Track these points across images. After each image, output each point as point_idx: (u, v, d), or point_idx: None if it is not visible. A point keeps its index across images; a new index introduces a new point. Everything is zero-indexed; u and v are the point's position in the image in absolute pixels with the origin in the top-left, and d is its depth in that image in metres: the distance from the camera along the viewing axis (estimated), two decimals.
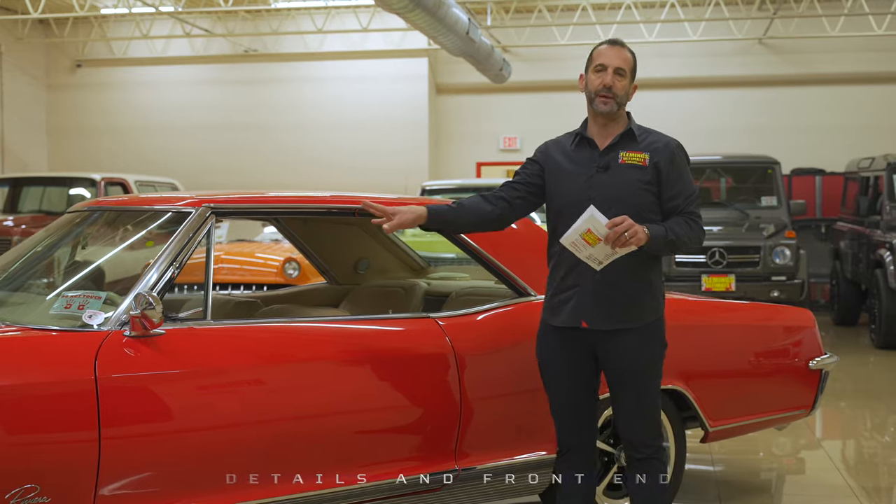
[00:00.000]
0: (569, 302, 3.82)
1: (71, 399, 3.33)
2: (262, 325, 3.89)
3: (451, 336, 4.12)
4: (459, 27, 12.20)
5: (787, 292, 11.17)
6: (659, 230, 3.67)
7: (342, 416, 3.84)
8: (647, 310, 3.82)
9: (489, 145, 18.26)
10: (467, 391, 4.10)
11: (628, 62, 3.81)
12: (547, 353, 3.93)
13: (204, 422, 3.55)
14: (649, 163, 3.77)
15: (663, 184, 3.79)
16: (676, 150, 3.84)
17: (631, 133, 3.83)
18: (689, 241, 3.76)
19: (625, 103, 3.83)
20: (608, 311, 3.77)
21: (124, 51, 18.52)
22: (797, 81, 17.16)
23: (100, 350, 3.42)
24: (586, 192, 3.77)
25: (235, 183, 17.11)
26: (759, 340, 5.09)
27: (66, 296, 3.69)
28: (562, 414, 3.95)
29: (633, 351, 3.78)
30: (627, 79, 3.80)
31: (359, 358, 3.91)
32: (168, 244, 3.77)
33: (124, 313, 3.54)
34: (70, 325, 3.54)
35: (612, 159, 3.80)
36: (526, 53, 17.87)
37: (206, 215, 3.87)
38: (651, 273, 3.84)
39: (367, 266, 5.73)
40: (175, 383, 3.52)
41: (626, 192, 3.75)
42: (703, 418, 4.76)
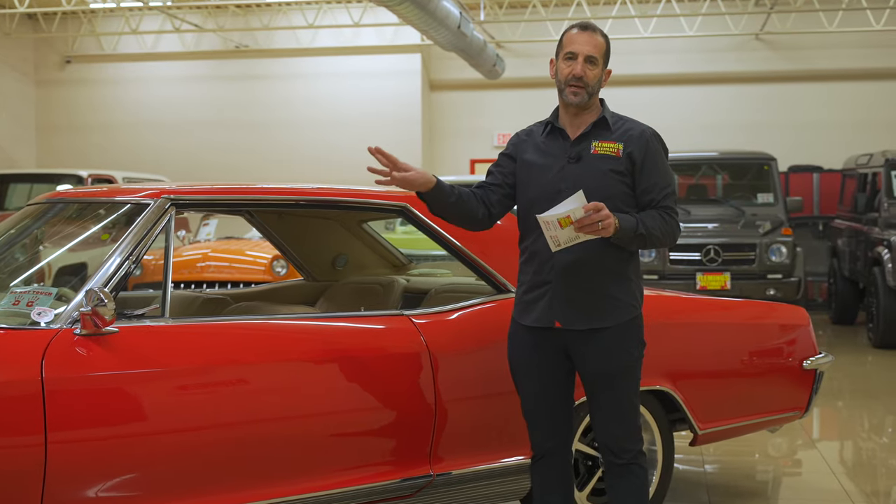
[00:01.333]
0: (541, 300, 3.63)
1: (15, 402, 3.13)
2: (221, 323, 3.69)
3: (426, 335, 3.93)
4: (450, 21, 12.01)
5: (783, 291, 10.98)
6: (629, 222, 3.46)
7: (309, 418, 3.65)
8: (623, 308, 3.61)
9: (483, 142, 18.06)
10: (442, 392, 3.90)
11: (600, 48, 3.59)
12: (518, 353, 3.74)
13: (158, 426, 3.35)
14: (623, 153, 3.58)
15: (637, 175, 3.59)
16: (651, 139, 3.62)
17: (604, 121, 3.64)
18: (662, 236, 3.56)
19: (597, 92, 3.64)
20: (582, 310, 3.58)
21: (114, 46, 18.31)
22: (794, 77, 16.97)
23: (47, 349, 3.22)
24: (558, 184, 3.58)
25: (227, 180, 16.86)
26: (751, 339, 4.90)
27: (14, 291, 3.48)
28: (535, 417, 3.76)
29: (609, 352, 3.58)
30: (599, 66, 3.60)
31: (328, 357, 3.72)
32: (124, 237, 3.57)
33: (75, 310, 3.34)
34: (18, 322, 3.34)
35: (584, 149, 3.61)
36: (520, 49, 17.67)
37: (166, 207, 3.67)
38: (628, 269, 3.64)
39: (345, 262, 5.53)
40: (128, 385, 3.32)
41: (598, 183, 3.54)
42: (692, 420, 4.57)
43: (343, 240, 5.48)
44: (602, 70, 3.62)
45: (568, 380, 3.70)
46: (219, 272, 10.46)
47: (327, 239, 5.46)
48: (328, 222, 5.39)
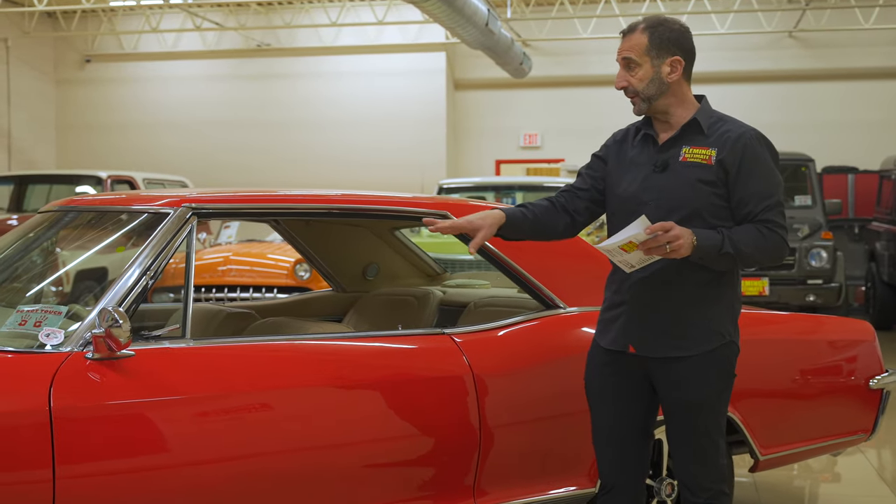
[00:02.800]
0: (617, 321, 3.28)
1: (20, 433, 2.82)
2: (248, 345, 3.37)
3: (469, 355, 3.59)
4: (478, 18, 11.69)
5: (823, 297, 10.61)
6: (712, 240, 3.03)
7: (343, 448, 3.32)
8: (708, 335, 3.19)
9: (509, 142, 17.73)
10: (487, 418, 3.56)
11: (637, 47, 3.14)
12: (594, 375, 3.38)
13: (178, 458, 3.03)
14: (715, 160, 3.13)
15: (732, 184, 3.13)
16: (750, 143, 3.15)
17: (696, 124, 3.20)
18: (758, 254, 3.11)
19: (658, 93, 3.17)
20: (658, 336, 3.20)
21: (134, 45, 18.07)
22: (828, 76, 16.57)
23: (56, 375, 2.91)
24: (640, 195, 3.20)
25: (246, 181, 16.64)
26: (814, 356, 4.54)
27: (21, 310, 3.17)
28: (605, 448, 3.37)
29: (688, 382, 3.18)
30: (644, 65, 3.14)
31: (363, 381, 3.39)
32: (141, 250, 3.25)
33: (87, 331, 3.03)
34: (25, 345, 3.04)
35: (673, 157, 3.19)
36: (547, 47, 17.33)
37: (187, 216, 3.35)
38: (717, 291, 3.21)
39: (376, 272, 5.21)
40: (145, 414, 3.00)
41: (683, 195, 3.14)
42: (754, 445, 4.21)
43: (374, 248, 5.16)
44: (653, 67, 3.15)
45: (646, 410, 3.33)
46: (240, 276, 10.21)
47: (357, 247, 5.13)
48: (358, 229, 5.07)
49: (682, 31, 3.20)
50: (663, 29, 3.17)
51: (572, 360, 3.72)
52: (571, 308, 3.90)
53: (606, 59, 17.07)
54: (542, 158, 17.65)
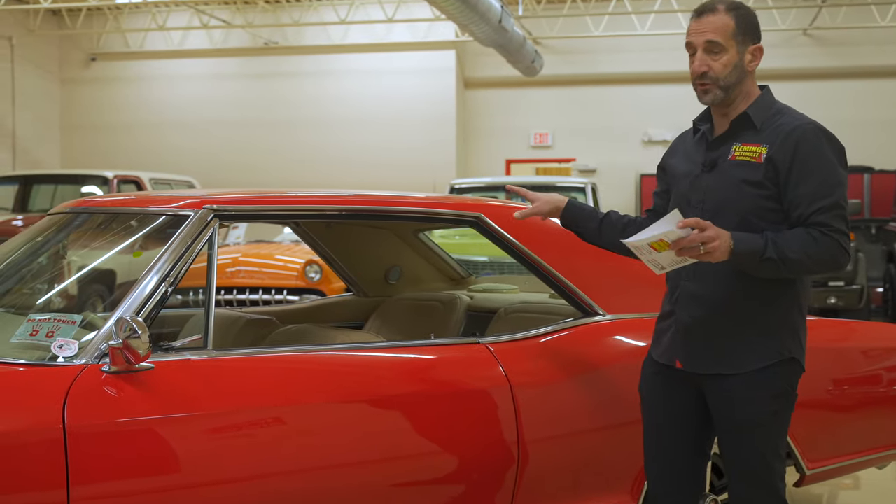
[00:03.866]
0: (666, 333, 3.07)
1: (32, 452, 2.61)
2: (273, 356, 3.15)
3: (506, 365, 3.38)
4: (492, 15, 11.49)
5: (844, 299, 10.41)
6: (752, 244, 2.76)
7: (375, 465, 3.10)
8: (763, 351, 2.92)
9: (519, 141, 17.54)
10: (525, 432, 3.35)
11: (723, 29, 2.88)
12: (646, 387, 3.17)
13: (200, 478, 2.82)
14: (765, 157, 2.86)
15: (782, 184, 2.85)
16: (804, 138, 2.84)
17: (746, 119, 2.94)
18: (808, 260, 2.78)
19: (737, 82, 2.92)
20: (706, 351, 2.95)
21: (140, 44, 17.89)
22: (844, 74, 16.36)
23: (70, 389, 2.70)
24: (688, 195, 2.97)
25: (254, 181, 16.47)
26: (861, 365, 4.33)
27: (32, 319, 2.96)
28: (652, 462, 3.16)
29: (739, 402, 2.92)
30: (730, 50, 2.88)
31: (394, 394, 3.18)
32: (160, 255, 3.04)
33: (103, 342, 2.82)
34: (36, 357, 2.83)
35: (722, 155, 2.94)
36: (558, 45, 17.13)
37: (208, 219, 3.14)
38: (777, 301, 2.93)
39: (398, 275, 5.01)
40: (165, 431, 2.79)
41: (728, 196, 2.89)
42: (800, 459, 4.00)
43: (396, 250, 4.96)
44: (738, 53, 2.90)
45: (697, 427, 3.08)
46: (250, 278, 10.06)
47: (379, 250, 4.93)
48: (381, 231, 4.86)
49: (757, 18, 2.99)
50: (747, 13, 2.94)
51: (612, 370, 3.54)
52: (611, 315, 3.69)
53: (618, 58, 16.91)
54: (552, 158, 17.46)
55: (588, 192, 11.35)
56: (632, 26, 16.05)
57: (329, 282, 10.50)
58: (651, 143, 17.07)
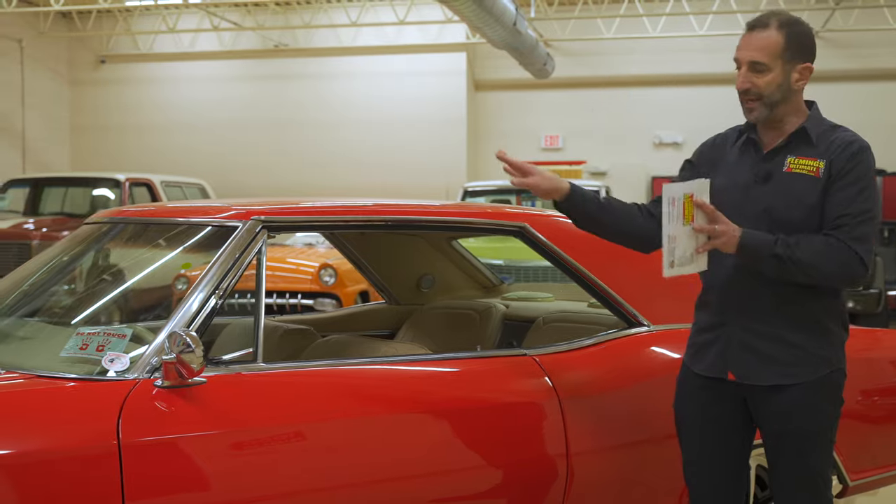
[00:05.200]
0: (713, 345, 3.02)
1: (88, 468, 2.57)
2: (323, 370, 3.11)
3: (553, 377, 3.34)
4: (506, 18, 11.46)
5: (862, 303, 10.37)
6: (760, 240, 2.80)
7: (426, 478, 3.06)
8: (816, 361, 2.92)
9: (530, 144, 17.51)
10: (573, 445, 3.31)
11: (769, 48, 2.86)
12: (685, 404, 3.12)
13: (255, 493, 2.78)
14: (823, 172, 2.86)
15: (826, 191, 2.85)
16: (861, 155, 2.87)
17: (804, 133, 2.92)
18: (820, 265, 2.79)
19: (784, 100, 2.90)
20: (762, 362, 2.93)
21: (150, 46, 17.86)
22: (856, 77, 16.33)
23: (124, 405, 2.66)
24: (742, 206, 2.93)
25: (263, 184, 16.43)
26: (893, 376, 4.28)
27: (81, 333, 2.92)
28: (697, 484, 3.12)
29: (795, 411, 2.91)
30: (775, 69, 2.86)
31: (444, 408, 3.14)
32: (209, 267, 3.00)
33: (154, 356, 2.78)
34: (87, 371, 2.79)
35: (777, 166, 2.93)
36: (569, 47, 17.09)
37: (256, 230, 3.10)
38: (824, 313, 2.95)
39: (431, 283, 4.97)
40: (219, 446, 2.75)
41: (788, 207, 2.87)
42: (843, 470, 3.96)
43: (429, 258, 4.92)
44: (783, 71, 2.87)
45: (742, 440, 3.07)
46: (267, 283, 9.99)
47: (412, 257, 4.89)
48: (414, 239, 4.82)
49: (812, 35, 2.96)
50: (800, 29, 2.91)
51: (658, 382, 3.48)
52: (655, 326, 3.65)
53: (629, 60, 16.88)
54: (563, 160, 17.42)
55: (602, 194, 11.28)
56: (643, 28, 16.01)
57: (343, 286, 10.46)
58: (662, 146, 17.04)
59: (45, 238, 11.54)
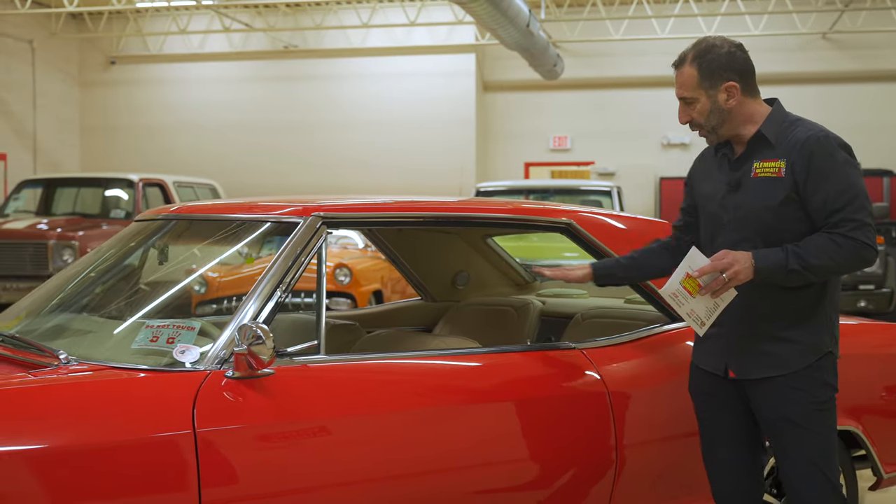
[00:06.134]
0: (714, 345, 3.19)
1: (166, 455, 2.65)
2: (384, 362, 3.19)
3: (602, 370, 3.43)
4: (520, 20, 11.55)
5: (874, 303, 10.45)
6: (773, 259, 2.92)
7: (482, 468, 3.14)
8: (806, 350, 3.07)
9: (538, 145, 17.58)
10: (623, 436, 3.40)
11: (687, 83, 3.07)
12: (696, 396, 3.32)
13: (324, 480, 2.86)
14: (786, 171, 2.99)
15: (802, 193, 2.97)
16: (817, 146, 2.96)
17: (761, 137, 3.07)
18: (835, 265, 2.93)
19: (721, 121, 3.08)
20: (757, 357, 3.09)
21: (160, 47, 17.93)
22: (862, 78, 16.41)
23: (198, 395, 2.74)
24: (720, 215, 3.13)
25: (273, 184, 16.51)
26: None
27: (150, 326, 3.01)
28: (714, 466, 3.30)
29: (787, 397, 3.07)
30: (700, 100, 3.06)
31: (501, 400, 3.22)
32: (273, 262, 3.09)
33: (224, 349, 2.86)
34: (158, 362, 2.87)
35: (744, 174, 3.09)
36: (577, 49, 17.17)
37: (317, 226, 3.19)
38: (815, 306, 3.08)
39: (466, 280, 5.05)
40: (290, 435, 2.83)
41: (758, 211, 3.03)
42: (878, 462, 4.05)
43: (465, 256, 5.00)
44: (711, 97, 3.06)
45: (753, 428, 3.23)
46: None
47: (448, 255, 4.97)
48: (450, 237, 4.91)
49: (731, 53, 3.09)
50: (712, 56, 3.06)
51: None
52: None
53: (638, 61, 16.94)
54: (571, 161, 17.51)
55: (614, 195, 11.36)
56: (652, 30, 16.09)
57: (358, 285, 10.54)
58: (670, 147, 17.12)
59: (62, 238, 11.56)
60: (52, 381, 2.76)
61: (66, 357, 2.88)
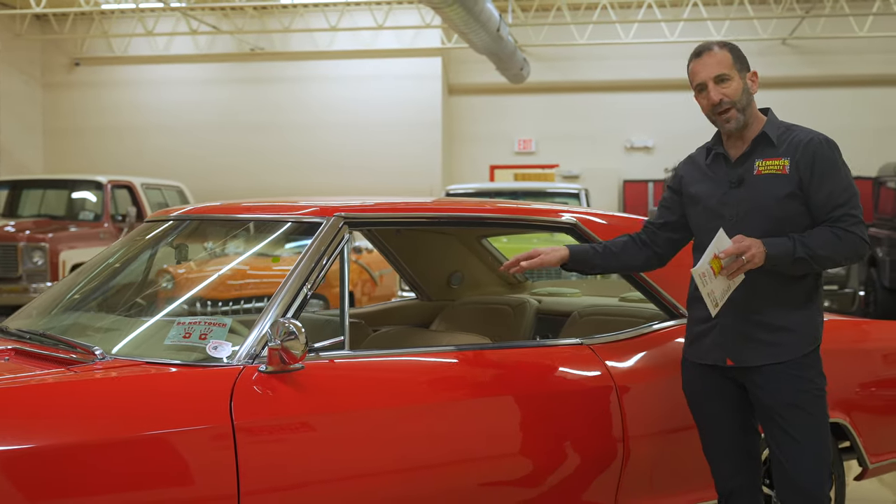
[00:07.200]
0: (709, 335, 3.34)
1: (206, 447, 2.74)
2: (404, 356, 3.32)
3: (610, 365, 3.57)
4: (491, 24, 11.69)
5: (838, 302, 10.69)
6: (783, 248, 3.13)
7: (501, 459, 3.28)
8: (801, 340, 3.27)
9: (503, 147, 17.74)
10: (630, 429, 3.54)
11: (725, 61, 3.27)
12: (691, 390, 3.47)
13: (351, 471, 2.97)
14: (790, 169, 3.21)
15: (806, 190, 3.21)
16: (819, 147, 3.22)
17: (765, 137, 3.28)
18: (835, 255, 3.17)
19: (749, 103, 3.29)
20: (755, 346, 3.26)
21: (125, 48, 17.88)
22: (821, 83, 16.75)
23: (234, 389, 2.84)
24: (720, 210, 3.31)
25: (241, 186, 16.53)
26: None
27: (182, 322, 3.10)
28: (714, 455, 3.46)
29: (785, 385, 3.24)
30: (736, 77, 3.27)
31: (515, 394, 3.35)
32: (299, 261, 3.19)
33: (256, 344, 2.96)
34: (192, 357, 2.97)
35: (747, 171, 3.29)
36: (542, 53, 17.36)
37: (339, 226, 3.30)
38: (806, 297, 3.29)
39: (460, 280, 5.18)
40: (322, 427, 2.94)
41: (763, 205, 3.23)
42: (864, 453, 4.22)
43: (460, 256, 5.13)
44: (742, 79, 3.27)
45: (744, 414, 3.39)
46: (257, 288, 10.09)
47: (444, 255, 5.10)
48: (446, 238, 5.03)
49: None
50: (736, 47, 3.34)
51: None
52: None
53: (602, 65, 17.17)
54: (536, 164, 17.68)
55: (582, 197, 11.52)
56: (616, 35, 16.32)
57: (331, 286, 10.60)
58: (633, 150, 17.35)
59: (31, 240, 11.52)
60: (94, 376, 2.84)
61: (101, 353, 2.96)
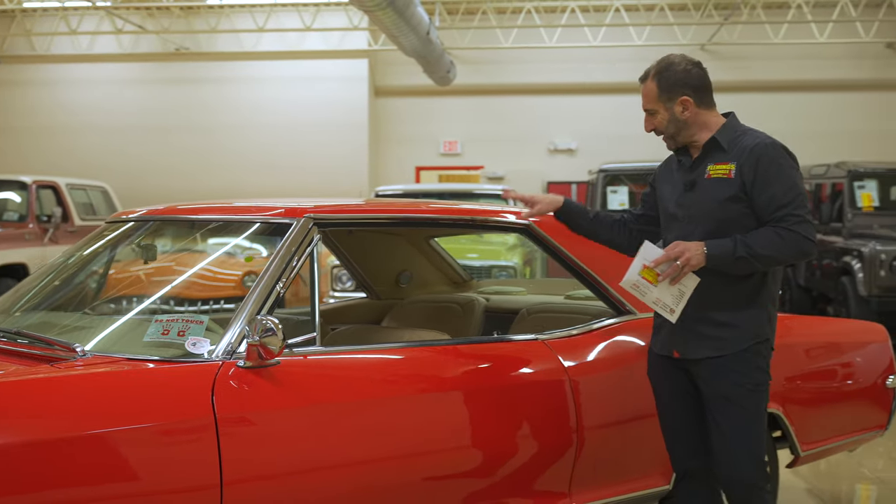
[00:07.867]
0: (662, 329, 3.60)
1: (190, 439, 2.86)
2: (372, 351, 3.46)
3: (564, 359, 3.75)
4: (421, 28, 11.85)
5: None
6: (724, 248, 3.31)
7: (462, 450, 3.43)
8: (743, 335, 3.45)
9: (429, 149, 17.90)
10: (583, 419, 3.73)
11: (650, 95, 3.49)
12: (652, 376, 3.71)
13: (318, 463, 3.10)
14: (735, 173, 3.40)
15: (750, 192, 3.37)
16: (764, 152, 3.36)
17: (715, 142, 3.47)
18: (779, 254, 3.31)
19: (684, 127, 3.49)
20: (699, 340, 3.48)
21: (47, 47, 17.64)
22: (738, 87, 17.18)
23: (215, 384, 2.95)
24: (675, 211, 3.54)
25: (176, 187, 16.46)
26: (842, 357, 4.83)
27: (160, 320, 3.20)
28: (673, 437, 3.69)
29: (723, 378, 3.45)
30: (659, 111, 3.49)
31: (476, 387, 3.51)
32: (270, 261, 3.32)
33: (234, 340, 3.08)
34: (171, 354, 3.07)
35: (699, 175, 3.49)
36: (468, 56, 17.55)
37: (309, 227, 3.43)
38: (752, 295, 3.45)
39: (408, 279, 5.33)
40: (295, 421, 3.07)
41: (709, 209, 3.43)
42: (796, 442, 4.47)
43: (408, 255, 5.28)
44: (667, 110, 3.47)
45: (696, 401, 3.60)
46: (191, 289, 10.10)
47: (393, 255, 5.25)
48: (396, 238, 5.18)
49: (687, 70, 3.48)
50: (670, 73, 3.46)
51: None
52: (642, 314, 4.08)
53: (527, 68, 17.43)
54: (462, 165, 17.87)
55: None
56: (540, 39, 16.58)
57: None
58: (557, 152, 17.63)
59: None
60: (79, 372, 2.93)
61: (82, 350, 3.05)
